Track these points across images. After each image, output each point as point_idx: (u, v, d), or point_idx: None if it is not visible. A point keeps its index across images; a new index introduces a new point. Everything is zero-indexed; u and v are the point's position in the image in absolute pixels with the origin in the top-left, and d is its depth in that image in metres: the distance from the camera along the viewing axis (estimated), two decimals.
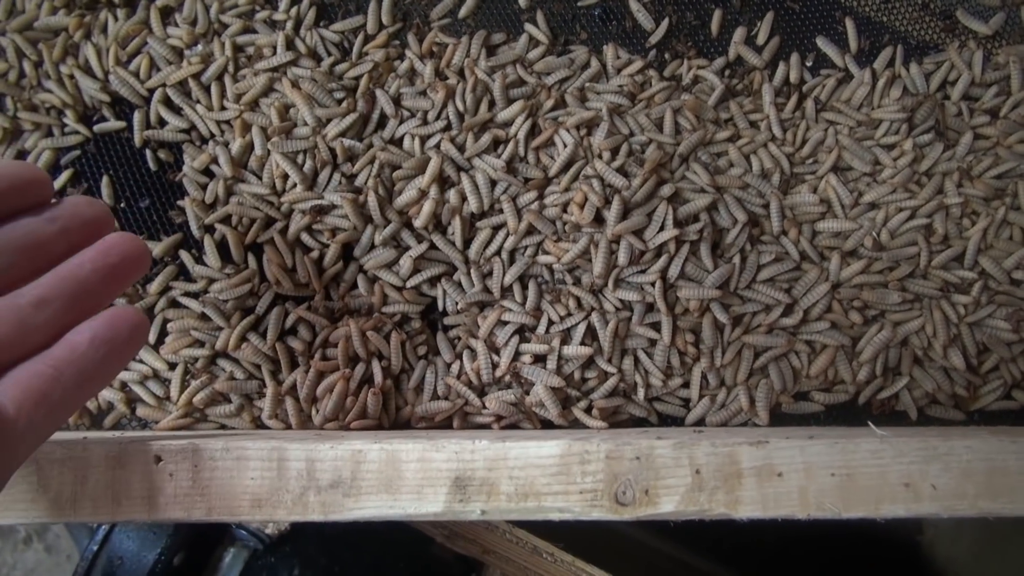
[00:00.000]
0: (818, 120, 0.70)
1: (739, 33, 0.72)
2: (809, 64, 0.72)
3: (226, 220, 0.67)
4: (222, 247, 0.67)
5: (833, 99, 0.71)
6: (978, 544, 1.07)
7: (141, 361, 0.66)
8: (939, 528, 1.08)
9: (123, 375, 0.65)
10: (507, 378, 0.64)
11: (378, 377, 0.64)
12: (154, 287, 0.66)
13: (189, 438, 0.49)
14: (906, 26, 0.73)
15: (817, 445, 0.47)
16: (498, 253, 0.67)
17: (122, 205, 0.68)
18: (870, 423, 0.51)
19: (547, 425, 0.65)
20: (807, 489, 0.47)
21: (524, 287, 0.67)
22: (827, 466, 0.47)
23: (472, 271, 0.67)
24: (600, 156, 0.66)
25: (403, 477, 0.47)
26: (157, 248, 0.67)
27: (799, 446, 0.47)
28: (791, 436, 0.48)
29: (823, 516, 0.47)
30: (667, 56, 0.72)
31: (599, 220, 0.65)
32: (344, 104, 0.67)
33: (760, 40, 0.72)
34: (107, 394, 0.65)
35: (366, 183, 0.66)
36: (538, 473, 0.47)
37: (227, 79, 0.68)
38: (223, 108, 0.68)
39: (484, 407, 0.64)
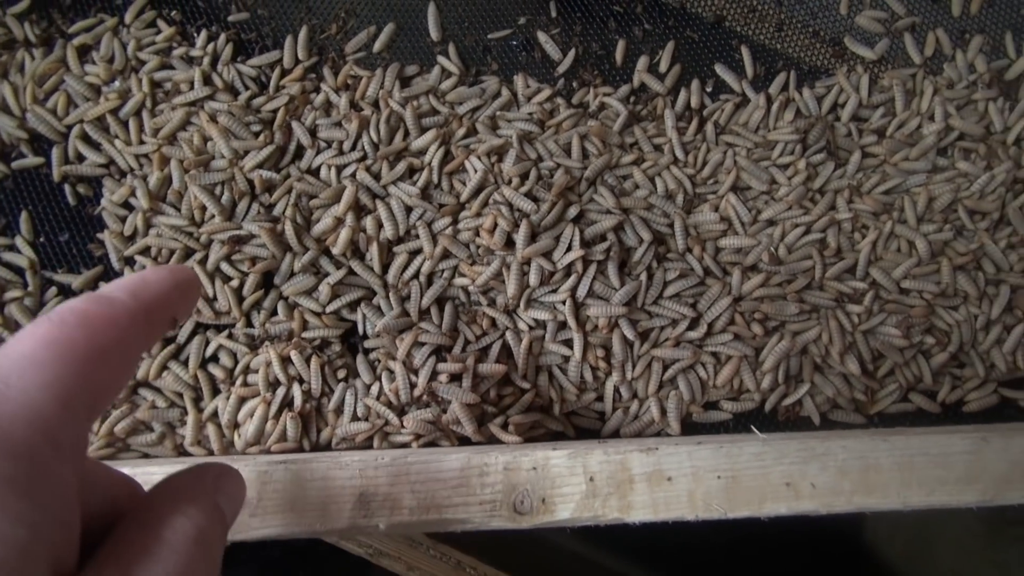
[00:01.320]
0: (718, 142, 0.74)
1: (642, 62, 0.76)
2: (709, 90, 0.76)
3: (146, 252, 0.68)
4: None
5: (732, 122, 0.75)
6: (909, 545, 1.11)
7: None
8: (876, 530, 1.11)
9: None
10: (425, 397, 0.66)
11: (297, 400, 0.65)
12: None
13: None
14: (798, 53, 0.77)
15: (704, 450, 0.50)
16: (416, 277, 0.69)
17: (41, 239, 0.69)
18: (752, 427, 0.54)
19: (464, 442, 0.67)
20: (695, 492, 0.49)
21: (441, 309, 0.69)
22: (713, 469, 0.50)
23: (391, 295, 0.69)
24: (509, 182, 0.69)
25: (307, 496, 0.48)
26: (77, 281, 0.68)
27: (687, 451, 0.50)
28: (680, 443, 0.50)
29: (711, 517, 0.50)
30: (575, 84, 0.75)
31: (510, 243, 0.67)
32: (261, 136, 0.69)
33: (662, 68, 0.76)
34: None
35: (283, 212, 0.68)
36: (439, 486, 0.49)
37: (145, 114, 0.70)
38: (141, 142, 0.70)
39: (403, 426, 0.66)
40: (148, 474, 0.47)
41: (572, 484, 0.49)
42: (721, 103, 0.75)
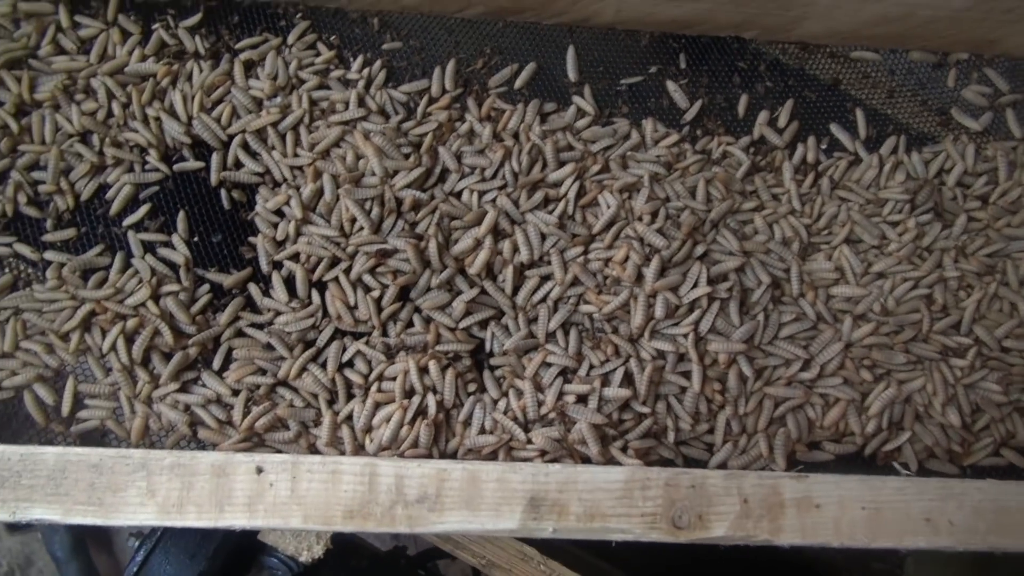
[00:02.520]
0: (832, 197, 0.79)
1: (762, 116, 0.80)
2: (824, 147, 0.81)
3: (294, 257, 0.72)
4: (289, 283, 0.72)
5: (845, 179, 0.79)
6: None
7: (205, 385, 0.70)
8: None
9: (187, 398, 0.69)
10: (551, 415, 0.70)
11: (432, 409, 0.69)
12: (224, 317, 0.70)
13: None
14: (908, 119, 0.82)
15: (851, 480, 0.53)
16: (544, 301, 0.73)
17: (196, 239, 0.73)
18: (895, 464, 0.57)
19: (585, 462, 0.70)
20: (840, 520, 0.53)
21: (566, 334, 0.72)
22: (859, 499, 0.53)
23: (519, 316, 0.72)
24: (641, 218, 0.73)
25: (483, 495, 0.51)
26: (228, 280, 0.72)
27: (834, 481, 0.53)
28: (828, 473, 0.54)
29: (854, 545, 0.53)
30: (699, 132, 0.80)
31: (639, 276, 0.71)
32: (411, 158, 0.74)
33: (781, 123, 0.81)
34: (170, 415, 0.69)
35: (427, 231, 0.72)
36: (604, 496, 0.52)
37: (302, 129, 0.74)
38: (297, 155, 0.74)
39: (529, 442, 0.69)
40: (338, 463, 0.51)
41: (727, 504, 0.52)
42: (835, 160, 0.80)
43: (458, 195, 0.75)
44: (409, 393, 0.70)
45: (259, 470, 0.51)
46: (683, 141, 0.79)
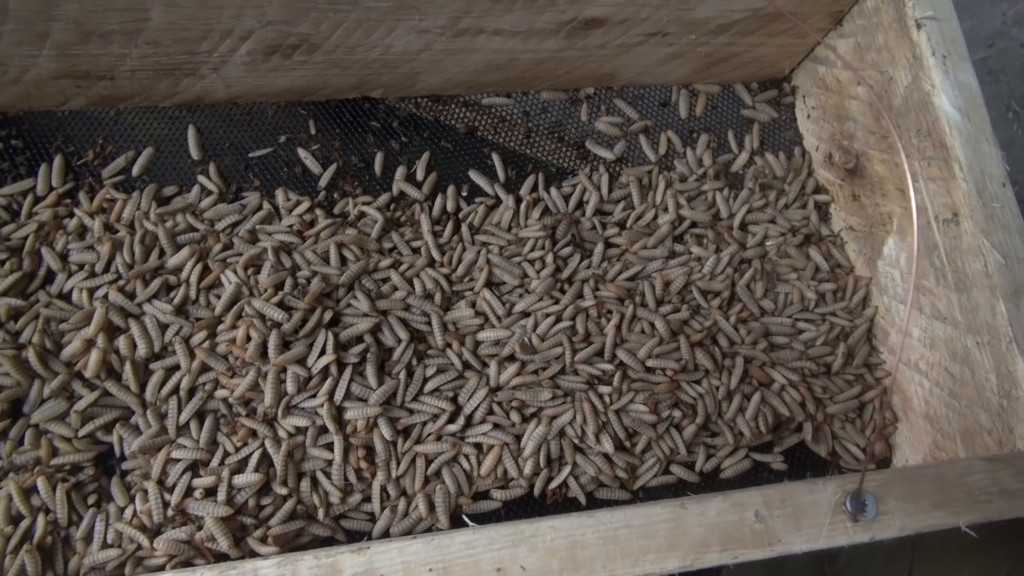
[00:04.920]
0: (474, 243, 0.79)
1: (400, 171, 0.80)
2: (464, 194, 0.81)
3: None
4: None
5: (485, 223, 0.80)
6: None
7: None
8: None
9: None
10: (177, 516, 0.65)
11: (39, 532, 0.63)
12: None
13: None
14: (546, 156, 0.84)
15: (415, 544, 0.51)
16: (175, 392, 0.69)
17: None
18: (464, 516, 0.56)
19: (222, 558, 0.66)
20: None
21: (200, 423, 0.69)
22: (425, 563, 0.51)
23: (149, 412, 0.68)
24: (263, 293, 0.71)
25: None
26: None
27: (398, 547, 0.51)
28: (392, 540, 0.52)
29: None
30: (336, 196, 0.79)
31: (266, 353, 0.69)
32: (7, 264, 0.69)
33: (419, 176, 0.81)
34: None
35: (30, 339, 0.68)
36: None
37: None
38: None
39: (155, 548, 0.65)
40: None
41: None
42: (475, 206, 0.80)
43: (68, 296, 0.71)
44: (15, 519, 0.64)
45: None
46: (318, 207, 0.78)
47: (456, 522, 0.71)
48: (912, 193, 0.72)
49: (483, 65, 0.78)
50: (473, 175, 0.82)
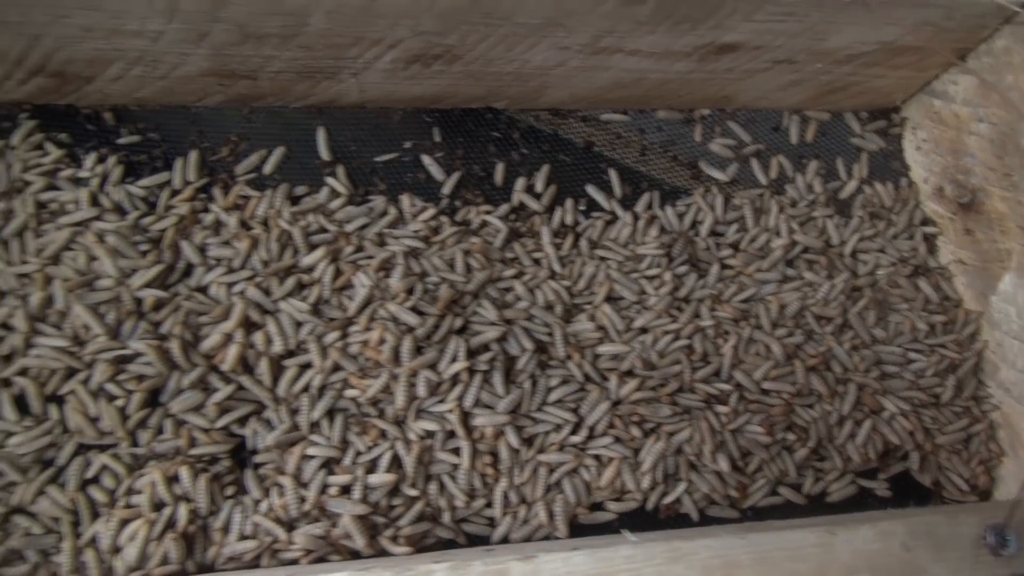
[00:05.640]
0: (592, 257, 0.80)
1: (520, 183, 0.82)
2: (582, 208, 0.82)
3: (23, 373, 0.67)
4: (21, 400, 0.67)
5: (603, 238, 0.81)
6: None
7: None
8: None
9: None
10: (314, 512, 0.67)
11: (182, 520, 0.65)
12: None
13: None
14: (660, 175, 0.85)
15: (579, 555, 0.53)
16: (306, 390, 0.70)
17: None
18: (623, 530, 0.57)
19: (356, 556, 0.67)
20: None
21: (331, 421, 0.70)
22: (587, 574, 0.52)
23: (281, 408, 0.70)
24: (395, 297, 0.72)
25: None
26: None
27: (563, 558, 0.52)
28: (557, 549, 0.53)
29: None
30: (458, 203, 0.80)
31: (398, 356, 0.70)
32: (149, 256, 0.70)
33: (539, 188, 0.82)
34: None
35: (171, 330, 0.69)
36: None
37: (28, 235, 0.70)
38: (24, 263, 0.69)
39: (291, 543, 0.66)
40: None
41: None
42: (593, 220, 0.82)
43: (205, 290, 0.72)
44: (158, 506, 0.66)
45: None
46: (441, 214, 0.79)
47: (574, 531, 0.72)
48: None
49: (610, 83, 0.79)
50: (590, 190, 0.83)
